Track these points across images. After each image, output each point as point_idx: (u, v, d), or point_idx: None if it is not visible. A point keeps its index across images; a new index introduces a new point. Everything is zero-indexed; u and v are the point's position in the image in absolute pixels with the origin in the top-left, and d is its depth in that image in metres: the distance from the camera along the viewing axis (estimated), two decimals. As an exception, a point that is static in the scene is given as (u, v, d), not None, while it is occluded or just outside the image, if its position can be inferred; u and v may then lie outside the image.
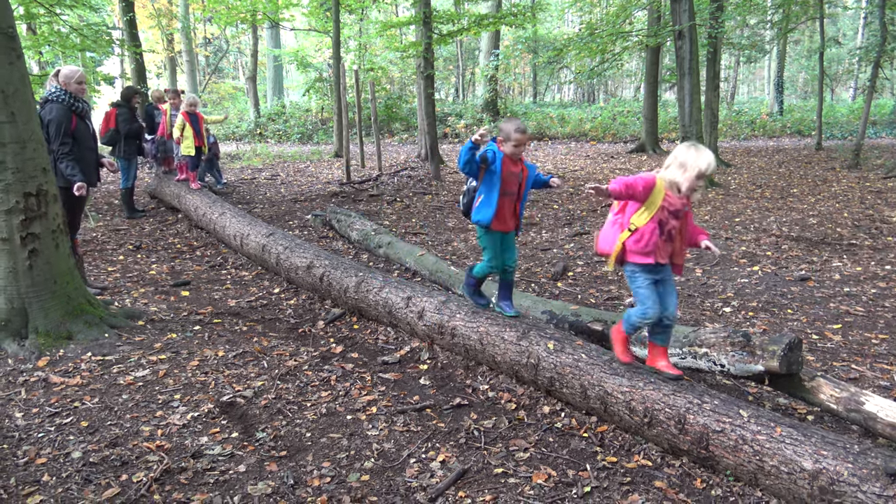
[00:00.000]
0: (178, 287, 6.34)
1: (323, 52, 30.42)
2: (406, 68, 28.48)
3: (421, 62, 13.77)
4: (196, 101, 9.53)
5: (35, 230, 4.55)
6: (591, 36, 16.97)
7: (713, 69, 15.36)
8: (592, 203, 10.57)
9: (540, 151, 19.57)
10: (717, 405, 3.16)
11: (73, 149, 5.64)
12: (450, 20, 14.90)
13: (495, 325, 4.24)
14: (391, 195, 11.48)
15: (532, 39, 29.65)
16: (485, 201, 4.12)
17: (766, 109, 28.31)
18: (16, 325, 4.56)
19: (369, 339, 5.03)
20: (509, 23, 15.45)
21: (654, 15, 18.19)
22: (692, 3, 11.65)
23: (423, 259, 6.52)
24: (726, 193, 11.14)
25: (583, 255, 7.33)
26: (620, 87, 42.20)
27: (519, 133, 3.99)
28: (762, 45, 24.65)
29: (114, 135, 9.11)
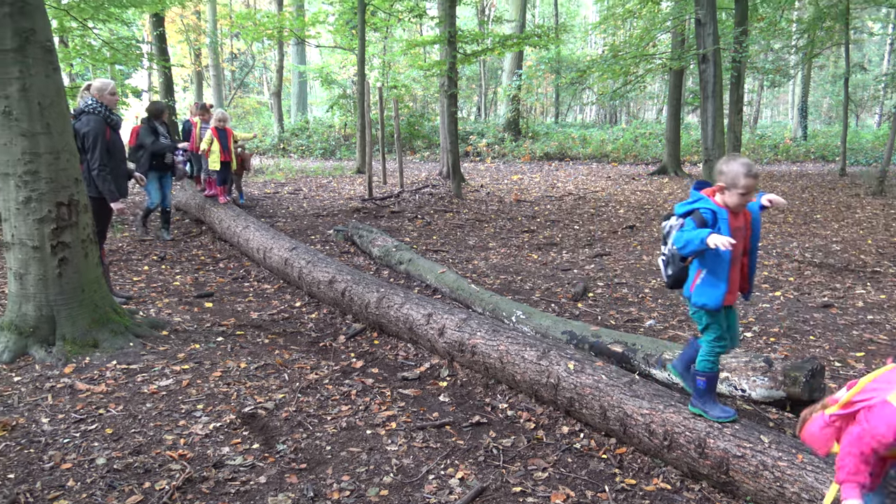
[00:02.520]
0: (202, 298, 6.42)
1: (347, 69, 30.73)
2: (429, 86, 28.68)
3: (445, 81, 13.88)
4: (226, 116, 9.58)
5: (65, 239, 4.64)
6: (615, 58, 17.02)
7: (737, 93, 15.33)
8: (613, 224, 10.56)
9: (561, 172, 19.59)
10: (737, 430, 3.15)
11: (108, 161, 5.76)
12: (474, 40, 15.02)
13: (515, 343, 4.25)
14: (412, 212, 11.55)
15: (555, 60, 29.77)
16: (710, 279, 3.19)
17: (789, 134, 28.16)
18: (44, 332, 4.65)
19: (389, 355, 5.06)
20: (533, 44, 15.55)
21: (677, 38, 18.23)
22: (716, 27, 11.68)
23: (444, 277, 6.56)
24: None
25: (603, 277, 7.33)
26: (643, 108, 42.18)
27: (750, 178, 3.08)
28: (787, 70, 24.56)
29: (134, 151, 8.77)
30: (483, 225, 10.61)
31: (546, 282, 7.14)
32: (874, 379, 2.23)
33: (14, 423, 3.65)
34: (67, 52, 13.74)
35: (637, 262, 7.96)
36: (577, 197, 13.79)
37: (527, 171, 19.70)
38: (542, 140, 25.43)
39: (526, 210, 12.08)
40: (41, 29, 4.44)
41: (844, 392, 2.30)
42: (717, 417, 3.23)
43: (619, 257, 8.31)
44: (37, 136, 4.44)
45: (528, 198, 13.65)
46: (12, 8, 4.26)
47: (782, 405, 3.67)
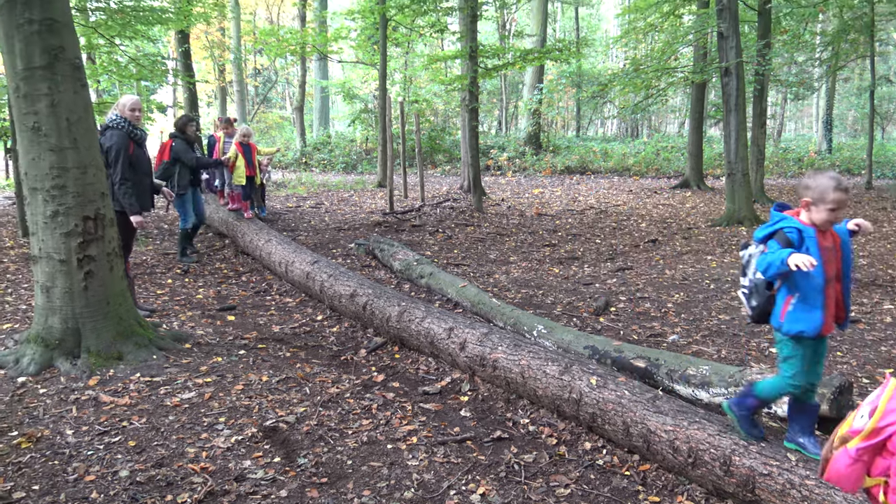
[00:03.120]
0: (224, 311, 6.46)
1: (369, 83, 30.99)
2: (450, 101, 28.80)
3: (466, 95, 13.93)
4: (250, 132, 9.60)
5: (91, 252, 4.70)
6: (636, 71, 16.99)
7: (760, 106, 15.23)
8: (635, 238, 10.50)
9: (583, 185, 19.55)
10: (763, 447, 3.10)
11: (131, 175, 5.85)
12: (495, 55, 15.07)
13: (537, 358, 4.23)
14: (433, 226, 11.57)
15: (576, 74, 29.77)
16: (803, 305, 2.95)
17: (814, 147, 27.88)
18: (69, 345, 4.70)
19: (410, 369, 5.05)
20: (554, 58, 15.57)
21: (699, 51, 18.14)
22: (739, 40, 11.62)
23: (465, 291, 6.55)
24: (773, 231, 10.97)
25: (625, 291, 7.28)
26: (664, 122, 42.00)
27: (840, 192, 2.86)
28: (811, 83, 24.37)
29: (168, 167, 8.44)
30: (504, 239, 10.60)
31: (568, 296, 7.10)
32: (891, 399, 2.13)
33: (39, 434, 3.68)
34: (95, 69, 13.98)
35: (660, 277, 7.89)
36: (599, 211, 13.74)
37: (548, 185, 19.67)
38: (563, 154, 25.41)
39: (547, 224, 12.05)
40: (70, 46, 4.52)
41: (862, 420, 2.18)
42: (749, 433, 3.13)
43: (641, 271, 8.25)
44: (64, 151, 4.52)
45: (549, 211, 13.62)
46: (41, 26, 4.35)
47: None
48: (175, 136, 8.56)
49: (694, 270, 8.17)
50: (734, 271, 7.98)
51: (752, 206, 12.05)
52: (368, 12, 18.58)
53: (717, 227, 11.43)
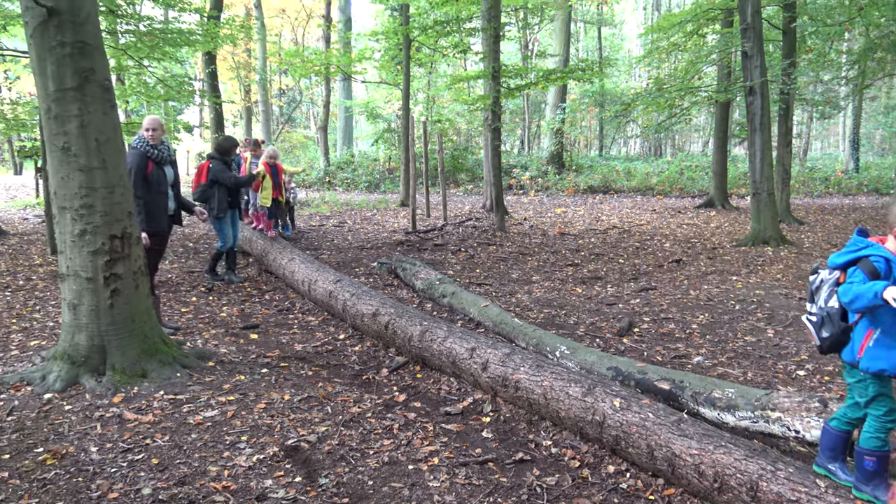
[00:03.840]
0: (248, 330, 6.50)
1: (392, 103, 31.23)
2: (473, 120, 28.93)
3: (488, 115, 13.98)
4: (277, 153, 9.62)
5: (118, 271, 4.76)
6: (660, 91, 16.97)
7: (785, 125, 15.11)
8: (659, 258, 10.42)
9: (605, 205, 19.47)
10: (791, 473, 3.03)
11: (143, 193, 5.95)
12: (518, 75, 15.14)
13: (560, 379, 4.19)
14: (456, 245, 11.57)
15: (599, 93, 29.80)
16: (886, 341, 2.75)
17: (840, 166, 27.59)
18: (94, 362, 4.74)
19: (432, 389, 5.03)
20: (577, 77, 15.61)
21: (723, 70, 18.09)
22: (764, 59, 11.56)
23: (488, 310, 6.53)
24: (799, 252, 10.83)
25: (649, 311, 7.21)
26: (688, 141, 41.80)
27: None
28: (837, 102, 24.16)
29: (206, 189, 8.23)
30: (526, 258, 10.57)
31: (591, 316, 7.05)
32: None
33: (64, 451, 3.71)
34: (124, 90, 14.25)
35: (684, 297, 7.82)
36: (622, 230, 13.66)
37: (571, 204, 19.63)
38: (586, 173, 25.37)
39: (570, 243, 12.00)
40: (100, 68, 4.62)
41: None
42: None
43: (665, 292, 8.18)
44: (93, 170, 4.59)
45: (572, 231, 13.57)
46: (73, 49, 4.44)
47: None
48: (213, 157, 8.42)
49: (719, 291, 8.08)
50: (760, 292, 7.88)
51: (778, 225, 11.92)
52: (392, 33, 18.78)
53: (742, 247, 11.31)
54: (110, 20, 11.66)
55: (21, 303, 7.24)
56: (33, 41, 4.49)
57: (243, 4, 33.07)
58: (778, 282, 8.56)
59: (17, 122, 13.38)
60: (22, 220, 14.36)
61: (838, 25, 15.98)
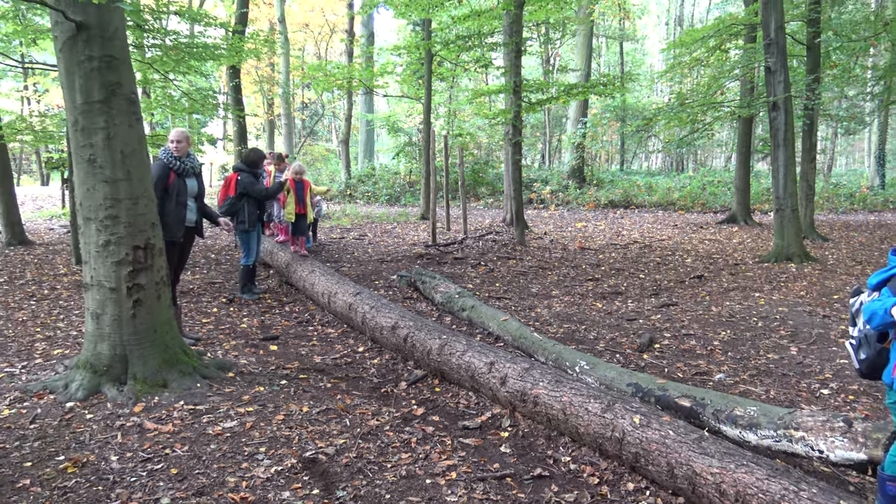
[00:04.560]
0: (267, 341, 6.53)
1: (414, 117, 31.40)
2: (494, 134, 28.99)
3: (509, 129, 14.00)
4: (303, 168, 9.48)
5: (141, 281, 4.81)
6: (682, 106, 16.89)
7: (809, 140, 14.97)
8: (680, 274, 10.33)
9: (626, 220, 19.38)
10: (815, 494, 2.98)
11: (163, 204, 6.00)
12: (539, 89, 15.17)
13: (579, 395, 4.17)
14: (475, 259, 11.56)
15: (620, 108, 29.74)
16: None
17: (866, 182, 27.26)
18: (116, 371, 4.79)
19: (450, 403, 5.02)
20: (598, 92, 15.59)
21: (746, 86, 17.98)
22: (787, 74, 11.48)
23: (507, 324, 6.51)
24: (823, 269, 10.70)
25: (670, 328, 7.15)
26: (710, 156, 41.55)
27: None
28: (862, 117, 23.91)
29: (234, 202, 8.10)
30: (546, 272, 10.53)
31: (611, 332, 7.01)
32: None
33: (85, 460, 3.74)
34: (149, 103, 14.47)
35: (706, 313, 7.74)
36: (643, 245, 13.58)
37: (591, 219, 19.56)
38: (606, 187, 25.29)
39: (590, 258, 11.95)
40: (126, 82, 4.69)
41: None
42: None
43: (686, 308, 8.11)
44: (118, 182, 4.66)
45: (592, 245, 13.52)
46: (101, 63, 4.53)
47: (863, 469, 3.47)
48: (240, 169, 8.28)
49: (741, 307, 8.00)
50: (783, 309, 7.79)
51: (802, 242, 11.79)
52: (414, 48, 18.91)
53: (765, 264, 11.20)
54: (137, 34, 11.84)
55: (46, 312, 7.34)
56: (62, 55, 4.57)
57: (267, 19, 33.49)
58: (801, 299, 8.46)
59: (45, 133, 13.60)
60: (48, 231, 14.58)
61: (864, 41, 15.86)
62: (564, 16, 23.41)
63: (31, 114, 16.10)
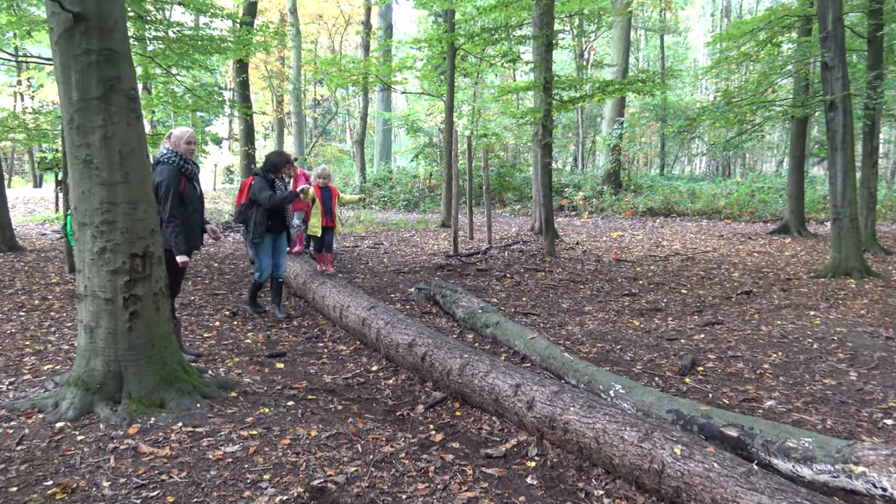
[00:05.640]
0: (273, 358, 6.55)
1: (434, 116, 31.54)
2: (522, 135, 29.01)
3: (539, 129, 13.99)
4: (328, 173, 8.86)
5: (138, 292, 4.85)
6: (729, 105, 16.76)
7: (870, 143, 14.79)
8: (726, 289, 10.24)
9: (667, 229, 19.26)
10: (878, 536, 2.92)
11: (180, 213, 6.04)
12: (572, 86, 15.15)
13: (614, 422, 4.13)
14: (501, 271, 11.54)
15: (661, 107, 29.61)
16: None
17: (934, 190, 26.88)
18: (110, 389, 4.82)
19: (472, 429, 5.00)
20: (637, 90, 15.55)
21: (800, 83, 17.82)
22: (846, 70, 11.36)
23: (535, 343, 6.48)
24: (886, 285, 10.54)
25: (714, 348, 7.07)
26: (760, 160, 41.25)
27: None
28: (929, 118, 23.57)
29: (245, 209, 7.89)
30: (578, 286, 10.49)
31: (649, 352, 6.95)
32: None
33: (75, 485, 3.77)
34: (150, 100, 14.65)
35: (754, 333, 7.66)
36: (685, 257, 13.48)
37: (628, 228, 19.47)
38: (645, 193, 25.17)
39: (627, 271, 11.88)
40: (126, 77, 4.74)
41: None
42: None
43: (733, 326, 8.02)
44: (115, 185, 4.70)
45: (629, 257, 13.44)
46: (99, 56, 4.57)
47: (932, 509, 3.39)
48: (256, 173, 8.02)
49: (794, 327, 7.90)
50: (841, 329, 7.68)
51: (862, 255, 11.63)
52: (436, 41, 18.98)
53: (821, 279, 11.06)
54: (138, 26, 12.02)
55: (36, 324, 7.43)
56: (58, 48, 4.63)
57: (278, 10, 33.85)
58: (862, 318, 8.34)
59: (39, 132, 13.83)
60: (40, 236, 14.79)
61: (931, 34, 15.66)
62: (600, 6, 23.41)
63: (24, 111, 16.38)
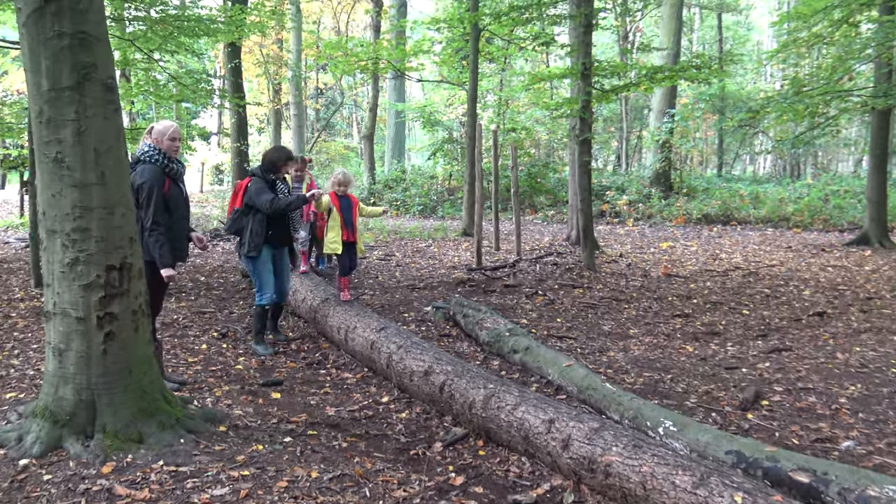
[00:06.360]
0: (269, 387, 6.58)
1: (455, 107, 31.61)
2: (556, 129, 29.01)
3: (576, 123, 13.99)
4: (350, 178, 8.37)
5: (113, 309, 4.88)
6: (798, 94, 16.71)
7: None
8: (795, 310, 10.17)
9: (725, 239, 19.18)
10: None
11: (164, 219, 6.04)
12: (614, 73, 15.12)
13: (663, 464, 4.11)
14: (531, 287, 11.54)
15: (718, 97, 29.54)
16: None
17: None
18: (81, 421, 4.85)
19: (498, 471, 4.99)
20: (690, 77, 15.49)
21: (881, 69, 17.71)
22: (937, 55, 11.29)
23: (571, 371, 6.47)
24: (985, 306, 10.43)
25: (782, 379, 7.03)
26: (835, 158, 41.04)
27: None
28: None
29: (239, 217, 7.55)
30: (622, 305, 10.46)
31: (705, 383, 6.92)
32: None
33: (41, 532, 3.80)
34: (129, 89, 14.78)
35: (829, 362, 7.60)
36: (747, 272, 13.41)
37: (680, 238, 19.40)
38: (700, 198, 25.08)
39: (678, 288, 11.84)
40: (103, 64, 4.78)
41: None
42: None
43: (803, 353, 7.97)
44: (89, 187, 4.73)
45: (681, 272, 13.39)
46: (73, 40, 4.61)
47: None
48: (254, 173, 7.66)
49: (876, 355, 7.83)
50: (931, 358, 7.61)
51: (956, 271, 11.52)
52: (457, 21, 19.01)
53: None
54: (117, 5, 12.14)
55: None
56: (26, 31, 4.68)
57: (275, -15, 34.11)
58: (956, 345, 8.25)
59: (2, 125, 13.99)
60: (2, 245, 14.96)
61: None
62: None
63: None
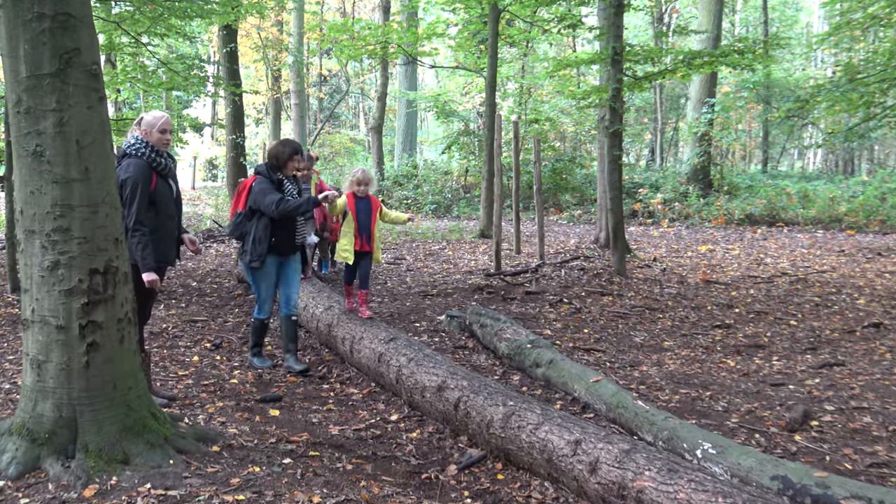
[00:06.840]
0: (266, 403, 6.59)
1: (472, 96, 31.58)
2: (583, 121, 28.97)
3: (605, 113, 13.97)
4: (370, 178, 8.00)
5: (97, 318, 4.89)
6: (852, 82, 16.62)
7: None
8: (848, 321, 10.12)
9: (771, 241, 19.10)
10: None
11: (149, 219, 6.02)
12: (648, 58, 15.10)
13: (702, 490, 4.10)
14: (556, 294, 11.53)
15: (763, 85, 29.41)
16: None
17: None
18: (61, 440, 4.87)
19: (518, 497, 4.99)
20: (732, 63, 15.43)
21: (946, 54, 17.63)
22: None
23: (599, 388, 6.46)
24: None
25: (833, 397, 7.00)
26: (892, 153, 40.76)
27: None
28: None
29: (240, 222, 7.33)
30: (656, 315, 10.43)
31: (747, 401, 6.89)
32: None
33: (18, 560, 3.82)
34: (115, 75, 14.86)
35: (886, 378, 7.56)
36: (795, 279, 13.36)
37: (720, 240, 19.34)
38: (743, 196, 24.98)
39: (719, 295, 11.80)
40: (87, 49, 4.80)
41: None
42: None
43: (857, 369, 7.93)
44: (71, 183, 4.75)
45: (721, 278, 13.35)
46: (54, 23, 4.63)
47: None
48: (259, 171, 7.44)
49: (938, 371, 7.79)
50: None
51: None
52: (475, 1, 19.02)
53: (973, 308, 10.90)
54: (101, -17, 12.21)
55: (-29, 356, 7.56)
56: (3, 12, 4.70)
57: (275, -38, 34.24)
58: None
59: (-24, 116, 14.08)
60: (-23, 246, 15.05)
61: None
62: (685, -44, 23.36)
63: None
